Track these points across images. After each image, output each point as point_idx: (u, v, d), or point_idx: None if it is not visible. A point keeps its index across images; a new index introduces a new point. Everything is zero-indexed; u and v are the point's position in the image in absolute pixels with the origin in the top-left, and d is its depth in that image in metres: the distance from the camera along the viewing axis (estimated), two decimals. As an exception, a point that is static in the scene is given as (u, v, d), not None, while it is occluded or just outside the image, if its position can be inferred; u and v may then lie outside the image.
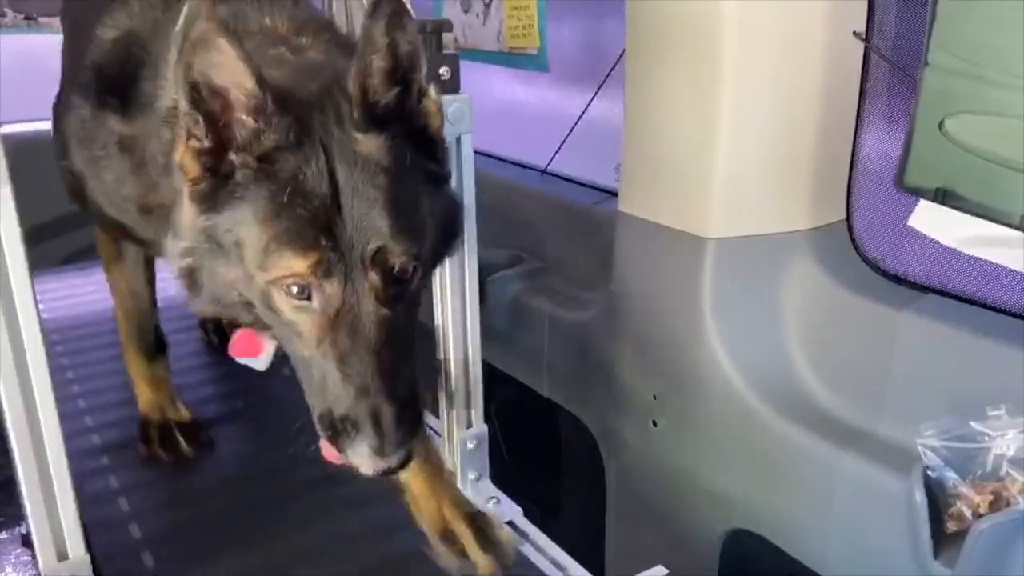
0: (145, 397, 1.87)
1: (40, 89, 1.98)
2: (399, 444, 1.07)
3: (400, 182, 1.08)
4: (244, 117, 1.03)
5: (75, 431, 1.86)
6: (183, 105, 1.03)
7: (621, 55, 2.07)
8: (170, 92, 1.22)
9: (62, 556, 1.30)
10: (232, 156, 1.05)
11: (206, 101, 1.02)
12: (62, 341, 2.29)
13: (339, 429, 1.08)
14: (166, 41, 1.28)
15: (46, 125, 2.13)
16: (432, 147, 1.17)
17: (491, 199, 1.63)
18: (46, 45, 2.20)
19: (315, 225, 1.03)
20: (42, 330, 1.21)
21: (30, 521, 1.29)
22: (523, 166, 2.79)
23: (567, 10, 2.69)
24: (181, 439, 1.84)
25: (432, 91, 1.14)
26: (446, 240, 1.22)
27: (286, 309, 1.08)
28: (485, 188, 1.59)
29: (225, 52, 0.99)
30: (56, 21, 3.42)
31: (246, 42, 1.17)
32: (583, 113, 2.53)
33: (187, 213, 1.10)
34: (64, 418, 1.27)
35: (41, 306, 1.24)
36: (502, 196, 2.56)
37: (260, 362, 1.38)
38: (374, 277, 1.06)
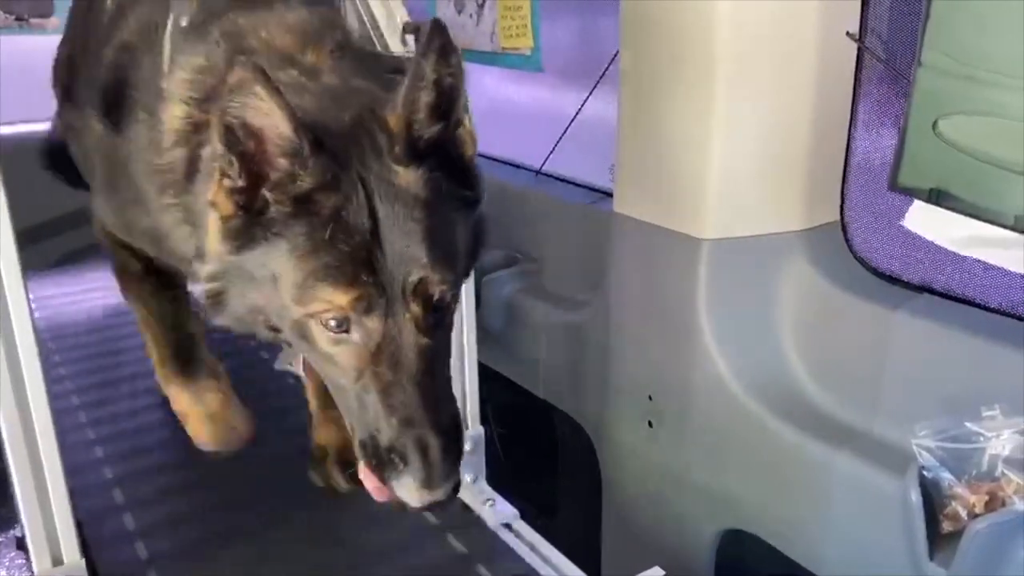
0: (194, 427, 1.64)
1: (31, 91, 1.98)
2: (447, 476, 1.06)
3: (437, 213, 1.08)
4: (280, 160, 1.03)
5: (74, 437, 1.85)
6: (217, 147, 1.03)
7: (615, 55, 2.07)
8: (177, 112, 1.22)
9: (57, 561, 1.30)
10: (266, 193, 1.05)
11: (241, 142, 1.02)
12: (58, 350, 2.28)
13: (384, 460, 1.07)
14: (156, 50, 1.28)
15: (37, 127, 2.12)
16: (466, 174, 1.16)
17: (486, 200, 1.63)
18: (37, 47, 2.19)
19: (355, 260, 1.03)
20: (35, 332, 1.21)
21: (25, 525, 1.29)
22: (517, 166, 2.79)
23: (561, 10, 2.68)
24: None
25: (467, 120, 1.15)
26: (474, 256, 1.23)
27: (323, 341, 1.08)
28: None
29: (264, 99, 0.99)
30: (47, 23, 3.42)
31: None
32: (577, 113, 2.53)
33: (215, 243, 1.10)
34: (61, 422, 1.27)
35: (35, 308, 1.24)
36: (496, 197, 2.55)
37: None
38: (415, 308, 1.06)
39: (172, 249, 1.32)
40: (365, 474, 1.15)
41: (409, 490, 1.07)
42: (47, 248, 2.77)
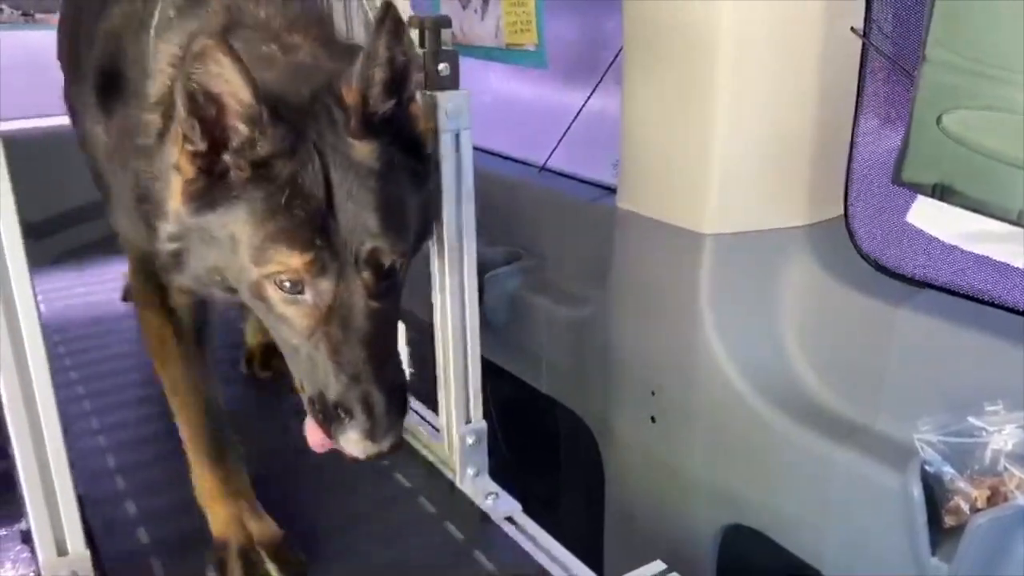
0: (219, 516, 1.51)
1: (36, 85, 1.98)
2: (389, 429, 1.13)
3: (390, 184, 1.15)
4: (239, 125, 1.07)
5: (79, 427, 1.86)
6: (180, 112, 1.07)
7: (619, 51, 2.07)
8: (162, 80, 1.25)
9: (62, 551, 1.31)
10: (226, 158, 1.09)
11: (202, 108, 1.07)
12: (62, 341, 2.28)
13: (330, 414, 1.13)
14: (142, 39, 1.31)
15: (42, 122, 2.13)
16: (417, 148, 1.24)
17: (489, 195, 1.63)
18: (43, 42, 2.20)
19: (310, 226, 1.09)
20: (41, 326, 1.21)
21: (30, 516, 1.29)
22: (521, 162, 2.79)
23: (565, 6, 2.68)
24: (270, 564, 1.49)
25: (417, 96, 1.21)
26: (426, 229, 1.31)
27: (277, 302, 1.13)
28: (483, 184, 1.60)
29: (224, 66, 1.03)
30: (53, 18, 3.43)
31: (238, 36, 1.22)
32: (581, 109, 2.53)
33: (178, 205, 1.14)
34: (66, 414, 1.28)
35: (39, 301, 1.24)
36: (500, 192, 2.56)
37: None
38: (366, 275, 1.12)
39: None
40: (310, 428, 1.21)
41: (353, 442, 1.13)
42: (51, 243, 2.78)
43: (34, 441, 1.25)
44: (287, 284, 1.11)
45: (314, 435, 1.22)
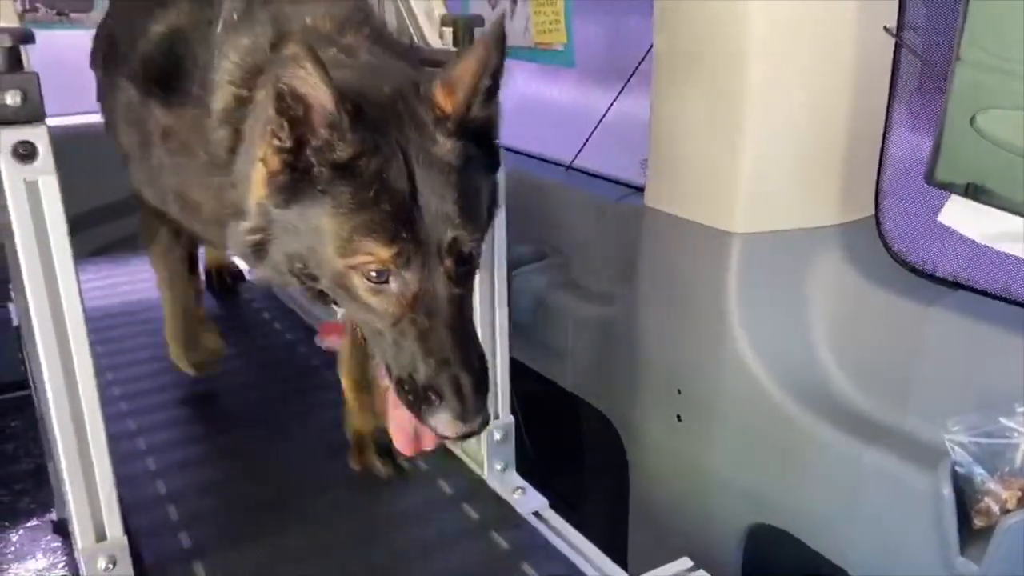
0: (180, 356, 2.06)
1: (71, 84, 2.02)
2: (479, 409, 1.17)
3: (468, 178, 1.19)
4: (322, 129, 1.12)
5: (111, 417, 1.89)
6: (270, 111, 1.12)
7: (648, 50, 2.08)
8: (225, 95, 1.32)
9: (100, 537, 1.33)
10: (310, 155, 1.13)
11: (291, 108, 1.11)
12: (94, 330, 2.32)
13: (421, 396, 1.17)
14: (208, 42, 1.37)
15: (76, 119, 2.17)
16: (491, 145, 1.28)
17: (516, 194, 1.64)
18: (77, 41, 2.23)
19: (397, 219, 1.13)
20: (85, 316, 1.24)
21: (70, 502, 1.32)
22: (548, 161, 2.80)
23: (594, 6, 2.69)
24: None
25: (499, 97, 1.24)
26: (491, 214, 1.33)
27: (363, 291, 1.17)
28: (510, 183, 1.61)
29: (311, 72, 1.07)
30: (87, 17, 3.48)
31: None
32: (609, 108, 2.53)
33: (262, 198, 1.19)
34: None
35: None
36: (527, 191, 2.57)
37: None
38: (448, 263, 1.16)
39: (208, 217, 1.44)
40: (396, 427, 1.29)
41: (445, 423, 1.17)
42: (87, 237, 2.83)
43: (76, 429, 1.27)
44: (373, 274, 1.15)
45: (400, 436, 1.29)
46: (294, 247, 1.18)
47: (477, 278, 1.62)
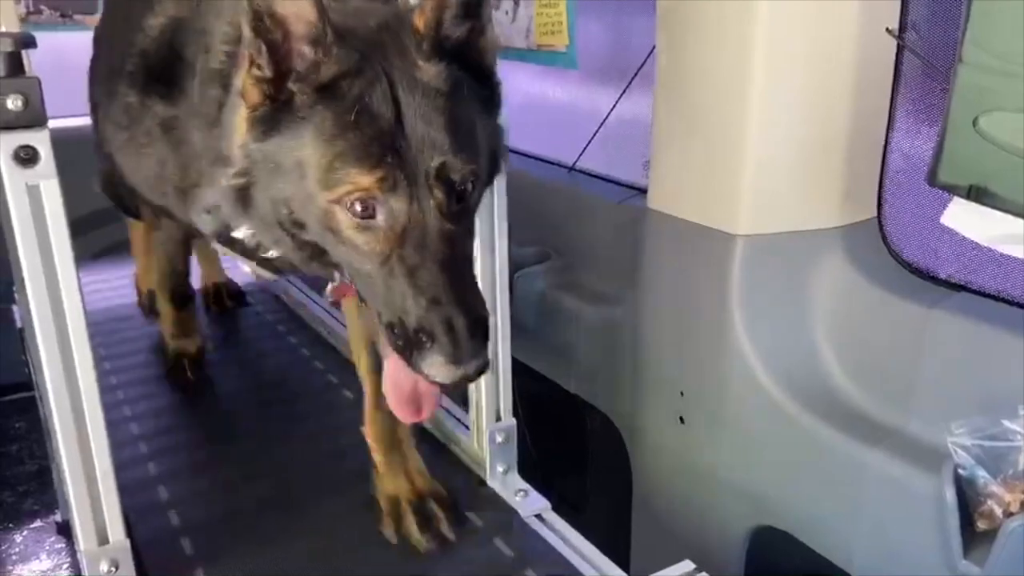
0: (167, 329, 2.16)
1: (74, 85, 2.02)
2: (475, 352, 1.09)
3: (459, 106, 1.12)
4: (304, 48, 1.07)
5: (114, 422, 1.90)
6: (247, 33, 1.07)
7: (650, 52, 2.08)
8: (218, 54, 1.27)
9: (103, 541, 1.33)
10: (291, 85, 1.09)
11: (269, 30, 1.06)
12: (97, 333, 2.33)
13: (413, 340, 1.10)
14: (209, 19, 1.32)
15: (80, 121, 2.17)
16: (487, 79, 1.21)
17: (518, 195, 1.64)
18: (80, 43, 2.24)
19: (380, 143, 1.07)
20: (87, 319, 1.24)
21: (72, 505, 1.32)
22: (551, 163, 2.80)
23: (596, 8, 2.69)
24: (187, 369, 2.12)
25: (488, 29, 1.19)
26: (494, 165, 1.25)
27: (349, 228, 1.11)
28: (512, 184, 1.61)
29: None
30: (90, 19, 3.48)
31: None
32: (611, 110, 2.53)
33: (242, 138, 1.14)
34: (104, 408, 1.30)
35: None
36: (530, 193, 2.58)
37: None
38: (438, 193, 1.09)
39: (197, 197, 1.38)
40: (392, 387, 1.21)
41: (438, 367, 1.10)
42: (88, 240, 2.83)
43: (78, 431, 1.27)
44: (358, 207, 1.09)
45: (397, 398, 1.21)
46: (278, 187, 1.13)
47: (479, 279, 1.64)
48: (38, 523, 3.00)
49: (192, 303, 2.17)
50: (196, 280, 2.37)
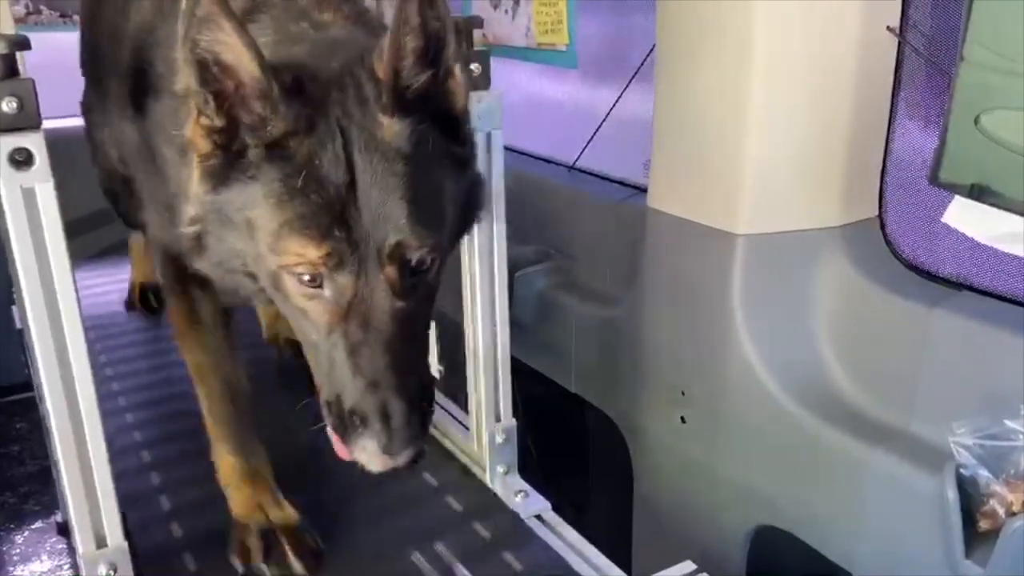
0: (238, 498, 1.52)
1: (73, 85, 2.02)
2: (408, 442, 1.04)
3: (422, 170, 1.04)
4: (253, 102, 1.00)
5: (113, 425, 1.89)
6: (191, 83, 1.00)
7: (651, 51, 2.07)
8: (183, 72, 1.18)
9: (101, 544, 1.33)
10: (244, 135, 1.02)
11: (217, 79, 0.99)
12: (98, 339, 2.32)
13: (346, 422, 1.05)
14: (173, 25, 1.24)
15: (73, 122, 2.16)
16: (456, 128, 1.12)
17: (519, 195, 1.64)
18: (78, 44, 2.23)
19: (329, 214, 0.99)
20: (83, 321, 1.24)
21: (70, 509, 1.31)
22: (551, 162, 2.80)
23: (596, 6, 2.68)
24: (288, 547, 1.47)
25: (457, 70, 1.09)
26: (467, 220, 1.19)
27: (296, 294, 1.05)
28: (512, 184, 1.60)
29: (229, 35, 0.95)
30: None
31: (265, 16, 1.15)
32: (611, 109, 2.53)
33: (196, 185, 1.07)
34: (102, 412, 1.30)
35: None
36: (530, 192, 2.57)
37: None
38: (390, 270, 1.03)
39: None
40: (335, 441, 1.12)
41: (368, 453, 1.05)
42: (87, 240, 2.83)
43: (75, 435, 1.27)
44: (305, 277, 1.02)
45: (339, 444, 1.13)
46: (230, 241, 1.06)
47: (477, 279, 1.64)
48: (39, 524, 3.01)
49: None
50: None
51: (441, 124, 1.09)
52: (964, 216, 1.53)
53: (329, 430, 1.12)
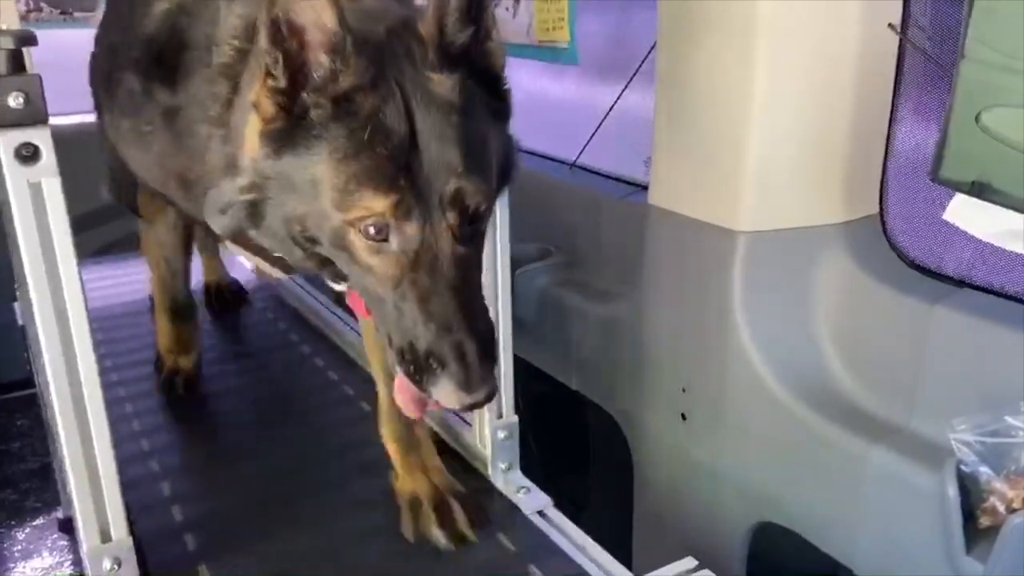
0: (164, 344, 2.05)
1: (75, 83, 2.02)
2: (484, 378, 1.09)
3: (473, 121, 1.10)
4: (322, 57, 1.04)
5: (117, 419, 1.90)
6: (263, 42, 1.04)
7: (652, 48, 2.08)
8: (226, 49, 1.24)
9: (106, 538, 1.33)
10: (306, 96, 1.06)
11: (285, 40, 1.03)
12: (99, 329, 2.33)
13: (423, 365, 1.09)
14: (216, 9, 1.30)
15: (80, 119, 2.17)
16: (496, 85, 1.19)
17: (520, 192, 1.64)
18: (80, 40, 2.24)
19: (395, 164, 1.04)
20: (88, 316, 1.24)
21: (75, 504, 1.32)
22: (552, 159, 2.80)
23: (597, 3, 2.69)
24: (180, 385, 2.02)
25: (494, 32, 1.16)
26: (505, 175, 1.23)
27: (362, 250, 1.09)
28: (514, 181, 1.61)
29: None
30: (91, 16, 3.48)
31: None
32: (612, 106, 2.53)
33: (254, 151, 1.11)
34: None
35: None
36: (531, 189, 2.57)
37: None
38: (451, 216, 1.07)
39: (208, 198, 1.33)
40: (400, 388, 1.18)
41: (448, 393, 1.09)
42: (90, 237, 2.84)
43: (80, 430, 1.27)
44: (372, 230, 1.07)
45: (404, 396, 1.18)
46: (291, 206, 1.10)
47: (481, 275, 1.63)
48: (40, 520, 3.01)
49: (192, 314, 2.05)
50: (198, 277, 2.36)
51: (482, 79, 1.15)
52: (965, 213, 1.53)
53: (396, 386, 1.18)
